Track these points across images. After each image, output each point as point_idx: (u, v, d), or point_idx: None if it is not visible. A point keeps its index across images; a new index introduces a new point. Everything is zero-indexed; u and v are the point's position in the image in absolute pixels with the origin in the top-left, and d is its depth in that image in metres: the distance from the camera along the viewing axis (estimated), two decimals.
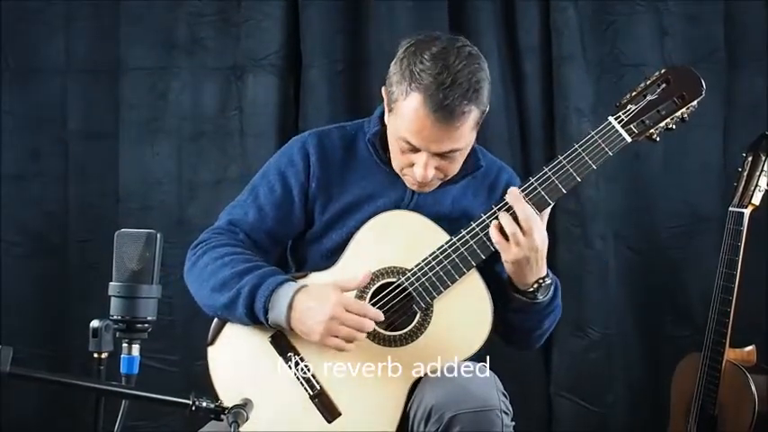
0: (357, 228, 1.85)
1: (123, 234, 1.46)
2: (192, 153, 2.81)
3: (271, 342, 1.80)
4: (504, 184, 1.93)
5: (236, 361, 1.82)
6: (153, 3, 2.81)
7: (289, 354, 1.79)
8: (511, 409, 1.72)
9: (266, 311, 1.74)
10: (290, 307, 1.73)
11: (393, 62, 1.77)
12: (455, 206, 1.90)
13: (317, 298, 1.72)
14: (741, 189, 2.25)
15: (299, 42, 2.77)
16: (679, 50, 2.77)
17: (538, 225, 1.74)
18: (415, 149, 1.76)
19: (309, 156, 1.90)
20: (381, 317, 1.74)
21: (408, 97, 1.71)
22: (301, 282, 1.80)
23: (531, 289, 1.79)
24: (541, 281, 1.78)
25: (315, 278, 1.84)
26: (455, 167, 1.83)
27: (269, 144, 2.73)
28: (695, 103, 1.83)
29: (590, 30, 2.77)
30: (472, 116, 1.72)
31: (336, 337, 1.71)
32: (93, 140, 2.83)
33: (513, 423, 1.72)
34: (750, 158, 2.25)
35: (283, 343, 1.80)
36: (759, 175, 2.23)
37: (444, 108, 1.68)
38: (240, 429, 1.38)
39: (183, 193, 2.81)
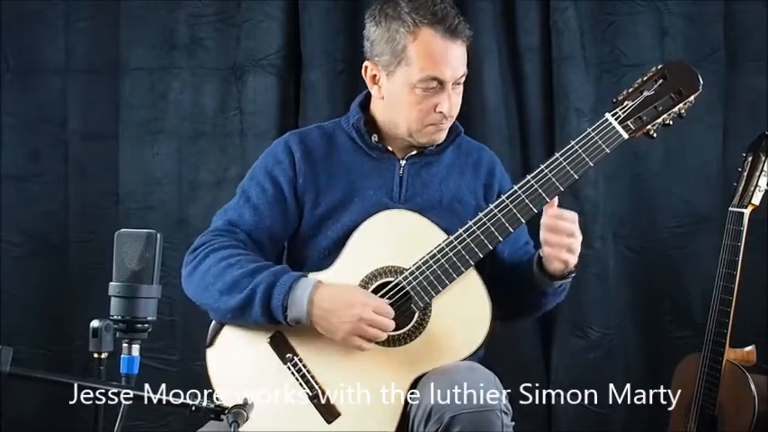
0: (352, 222, 1.85)
1: (123, 234, 1.46)
2: (191, 153, 2.82)
3: (269, 343, 1.80)
4: (487, 164, 1.99)
5: (235, 363, 1.82)
6: (153, 3, 2.81)
7: (288, 355, 1.79)
8: (511, 408, 1.72)
9: (285, 309, 1.74)
10: (310, 302, 1.73)
11: (368, 31, 1.90)
12: (444, 188, 1.92)
13: (342, 298, 1.74)
14: (741, 189, 2.24)
15: (299, 42, 2.77)
16: (679, 50, 2.76)
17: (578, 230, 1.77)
18: (439, 85, 1.82)
19: (293, 153, 1.93)
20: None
21: (419, 36, 1.82)
22: (313, 276, 1.80)
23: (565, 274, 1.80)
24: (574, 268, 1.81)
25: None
26: (459, 102, 1.90)
27: (269, 144, 2.70)
28: (692, 98, 1.83)
29: (590, 30, 2.77)
30: (468, 34, 1.86)
31: (359, 336, 1.73)
32: (93, 140, 2.83)
33: (513, 423, 1.71)
34: (750, 158, 2.24)
35: (282, 344, 1.79)
36: (759, 175, 2.22)
37: (455, 30, 1.82)
38: (240, 429, 1.38)
39: (183, 193, 2.81)
